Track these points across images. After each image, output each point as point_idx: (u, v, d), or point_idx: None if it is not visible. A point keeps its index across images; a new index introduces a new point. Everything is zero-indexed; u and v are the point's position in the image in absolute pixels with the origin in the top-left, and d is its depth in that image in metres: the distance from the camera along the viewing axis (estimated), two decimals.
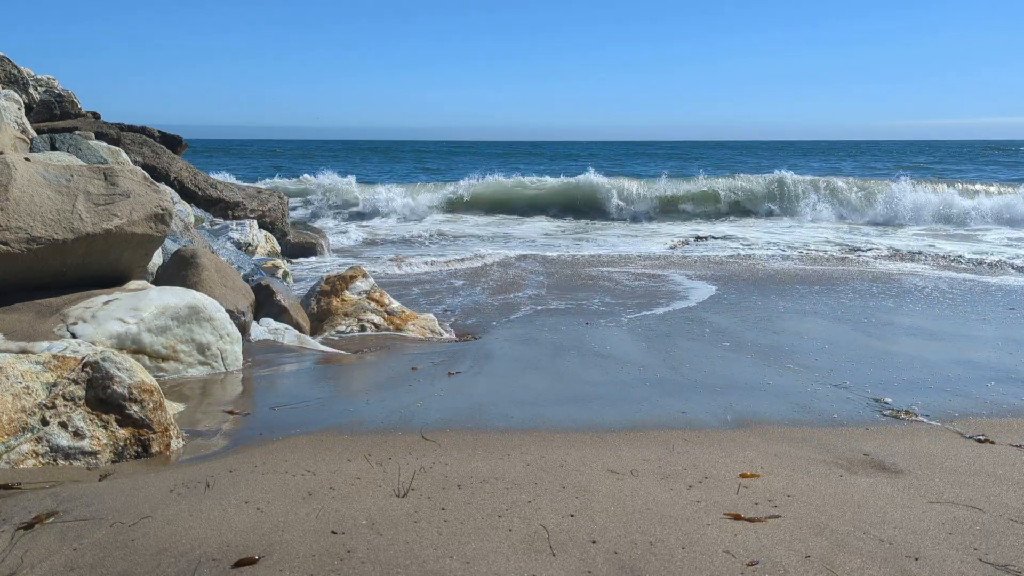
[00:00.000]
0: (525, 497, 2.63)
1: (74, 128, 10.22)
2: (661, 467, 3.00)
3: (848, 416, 3.79)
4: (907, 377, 4.57)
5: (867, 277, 8.97)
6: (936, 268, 9.87)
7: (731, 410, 3.86)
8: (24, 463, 2.84)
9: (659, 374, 4.61)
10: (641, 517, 2.48)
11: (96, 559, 2.12)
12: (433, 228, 15.83)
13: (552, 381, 4.45)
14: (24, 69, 10.61)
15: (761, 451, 3.24)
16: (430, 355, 5.18)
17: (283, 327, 5.61)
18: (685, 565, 2.17)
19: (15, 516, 2.36)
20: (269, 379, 4.43)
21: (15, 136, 6.80)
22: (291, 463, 2.94)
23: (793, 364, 4.88)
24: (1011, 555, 2.27)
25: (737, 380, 4.47)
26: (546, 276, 9.18)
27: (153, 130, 12.21)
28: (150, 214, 4.51)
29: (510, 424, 3.56)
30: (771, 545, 2.30)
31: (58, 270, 4.33)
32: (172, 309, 4.30)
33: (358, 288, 6.25)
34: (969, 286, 8.30)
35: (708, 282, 8.61)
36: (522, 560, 2.17)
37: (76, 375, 3.06)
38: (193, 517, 2.37)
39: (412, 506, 2.52)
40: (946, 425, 3.67)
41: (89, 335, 3.94)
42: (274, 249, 10.60)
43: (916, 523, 2.49)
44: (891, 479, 2.91)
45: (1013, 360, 5.02)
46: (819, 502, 2.65)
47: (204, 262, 5.40)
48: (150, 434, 3.09)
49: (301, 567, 2.10)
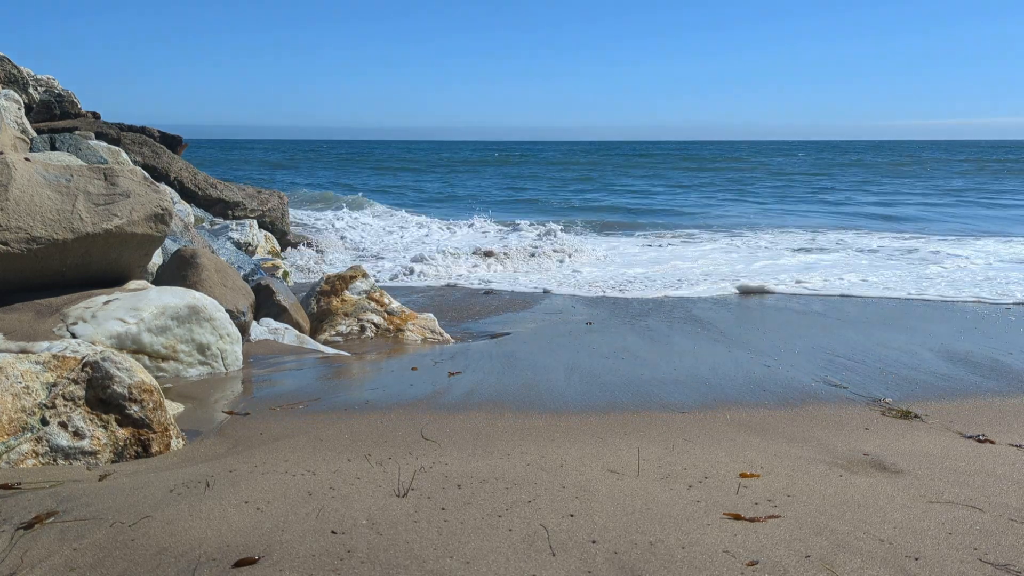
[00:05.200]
0: (525, 497, 2.62)
1: (74, 128, 10.21)
2: (661, 467, 3.00)
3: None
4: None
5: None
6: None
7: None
8: (24, 463, 2.84)
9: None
10: (641, 517, 2.48)
11: (96, 559, 2.12)
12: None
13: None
14: (24, 69, 10.60)
15: (761, 451, 3.24)
16: (430, 355, 5.18)
17: (283, 327, 5.61)
18: (685, 565, 2.17)
19: (15, 516, 2.36)
20: (269, 379, 4.42)
21: (15, 136, 6.80)
22: (291, 463, 2.94)
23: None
24: (1011, 555, 2.27)
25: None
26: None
27: (153, 130, 12.21)
28: (150, 214, 4.51)
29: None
30: (771, 545, 2.29)
31: (58, 270, 4.33)
32: (172, 309, 4.30)
33: (358, 288, 6.25)
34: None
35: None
36: (522, 560, 2.17)
37: (76, 375, 3.06)
38: (193, 517, 2.37)
39: (412, 506, 2.52)
40: (945, 424, 3.67)
41: (89, 335, 3.94)
42: (274, 249, 10.60)
43: (916, 523, 2.49)
44: (891, 479, 2.91)
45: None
46: (819, 502, 2.65)
47: (204, 262, 5.40)
48: (150, 434, 3.09)
49: (301, 567, 2.10)
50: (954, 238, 13.60)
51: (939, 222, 16.73)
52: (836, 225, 16.19)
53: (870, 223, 16.58)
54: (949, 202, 22.03)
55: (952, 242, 12.93)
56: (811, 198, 24.00)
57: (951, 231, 14.83)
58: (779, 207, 20.98)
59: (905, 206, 20.74)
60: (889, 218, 17.67)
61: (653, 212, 19.66)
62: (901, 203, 21.65)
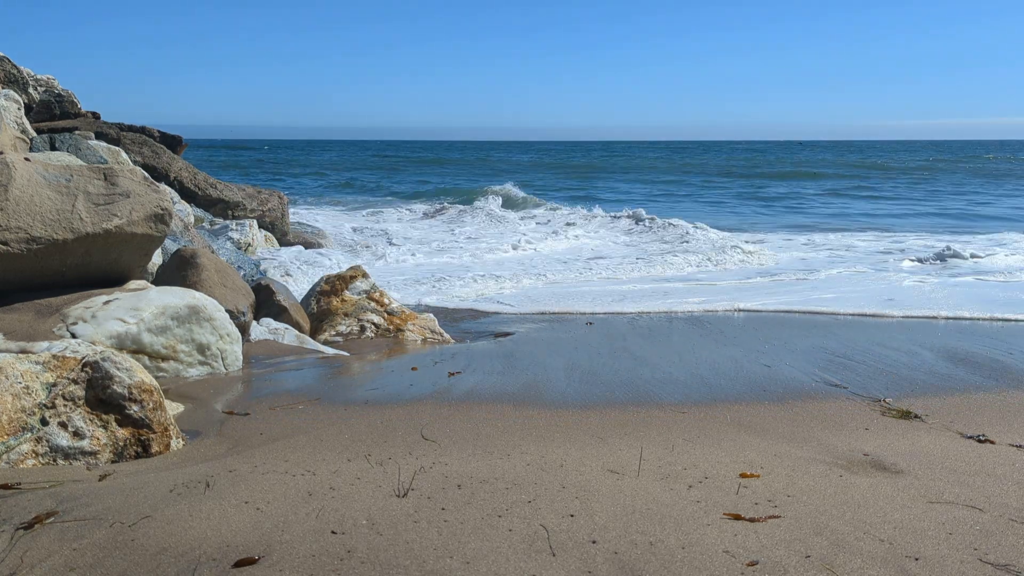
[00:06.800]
0: (525, 497, 2.62)
1: (74, 128, 10.21)
2: (661, 467, 3.00)
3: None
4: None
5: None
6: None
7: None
8: (24, 463, 2.84)
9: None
10: (641, 517, 2.48)
11: (96, 559, 2.12)
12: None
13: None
14: (24, 69, 10.60)
15: (761, 451, 3.24)
16: (431, 355, 5.18)
17: (283, 327, 5.61)
18: (685, 565, 2.17)
19: (15, 516, 2.36)
20: (269, 379, 4.42)
21: (15, 136, 6.80)
22: (291, 463, 2.94)
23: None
24: (1011, 555, 2.27)
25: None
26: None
27: (153, 130, 12.21)
28: (150, 214, 4.51)
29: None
30: (771, 545, 2.29)
31: (58, 270, 4.33)
32: (172, 309, 4.30)
33: (358, 288, 6.25)
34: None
35: None
36: (522, 560, 2.17)
37: (76, 375, 3.06)
38: (193, 517, 2.37)
39: (412, 506, 2.52)
40: (946, 425, 3.68)
41: (89, 335, 3.94)
42: (273, 249, 10.60)
43: (916, 523, 2.49)
44: (891, 479, 2.91)
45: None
46: (819, 502, 2.65)
47: (204, 262, 5.40)
48: (150, 434, 3.09)
49: (301, 567, 2.10)
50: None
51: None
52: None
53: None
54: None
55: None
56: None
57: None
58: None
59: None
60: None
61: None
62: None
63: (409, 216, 18.20)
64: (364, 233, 14.24)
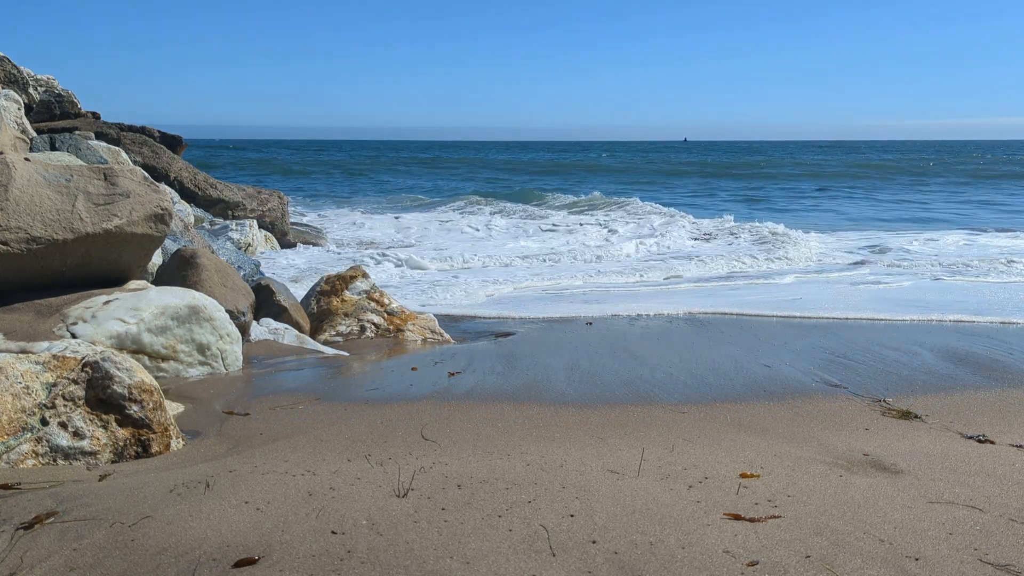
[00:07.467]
0: (525, 497, 2.62)
1: (74, 128, 10.22)
2: (661, 467, 3.00)
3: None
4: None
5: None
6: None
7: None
8: (24, 463, 2.84)
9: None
10: (641, 517, 2.48)
11: (96, 559, 2.12)
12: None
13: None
14: (24, 69, 10.60)
15: (761, 451, 3.24)
16: (431, 355, 5.18)
17: (283, 327, 5.61)
18: (685, 565, 2.17)
19: (15, 516, 2.36)
20: (269, 379, 4.42)
21: (15, 136, 6.80)
22: (291, 463, 2.94)
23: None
24: (1011, 555, 2.27)
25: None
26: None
27: (153, 130, 12.21)
28: (150, 214, 4.51)
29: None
30: (771, 545, 2.29)
31: (58, 270, 4.33)
32: (172, 309, 4.30)
33: (358, 288, 6.24)
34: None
35: None
36: (522, 560, 2.17)
37: (76, 375, 3.06)
38: (193, 517, 2.37)
39: (412, 506, 2.52)
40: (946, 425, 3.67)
41: (89, 335, 3.94)
42: (274, 249, 10.61)
43: (916, 523, 2.48)
44: (891, 479, 2.91)
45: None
46: (819, 502, 2.65)
47: (204, 262, 5.40)
48: (150, 434, 3.09)
49: (301, 567, 2.10)
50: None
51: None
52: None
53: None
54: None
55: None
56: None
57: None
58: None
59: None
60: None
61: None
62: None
63: (412, 213, 18.22)
64: (381, 233, 14.25)
